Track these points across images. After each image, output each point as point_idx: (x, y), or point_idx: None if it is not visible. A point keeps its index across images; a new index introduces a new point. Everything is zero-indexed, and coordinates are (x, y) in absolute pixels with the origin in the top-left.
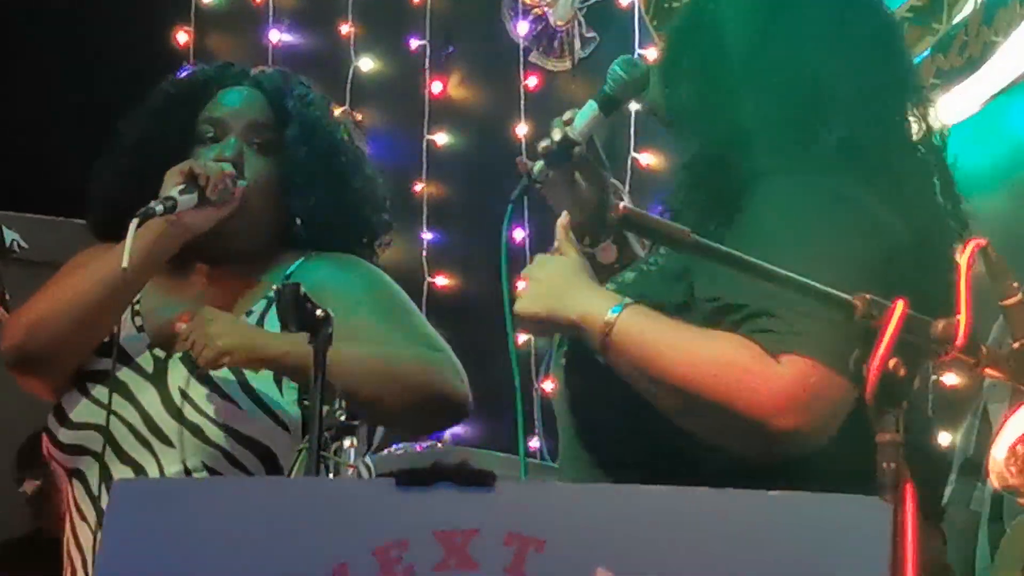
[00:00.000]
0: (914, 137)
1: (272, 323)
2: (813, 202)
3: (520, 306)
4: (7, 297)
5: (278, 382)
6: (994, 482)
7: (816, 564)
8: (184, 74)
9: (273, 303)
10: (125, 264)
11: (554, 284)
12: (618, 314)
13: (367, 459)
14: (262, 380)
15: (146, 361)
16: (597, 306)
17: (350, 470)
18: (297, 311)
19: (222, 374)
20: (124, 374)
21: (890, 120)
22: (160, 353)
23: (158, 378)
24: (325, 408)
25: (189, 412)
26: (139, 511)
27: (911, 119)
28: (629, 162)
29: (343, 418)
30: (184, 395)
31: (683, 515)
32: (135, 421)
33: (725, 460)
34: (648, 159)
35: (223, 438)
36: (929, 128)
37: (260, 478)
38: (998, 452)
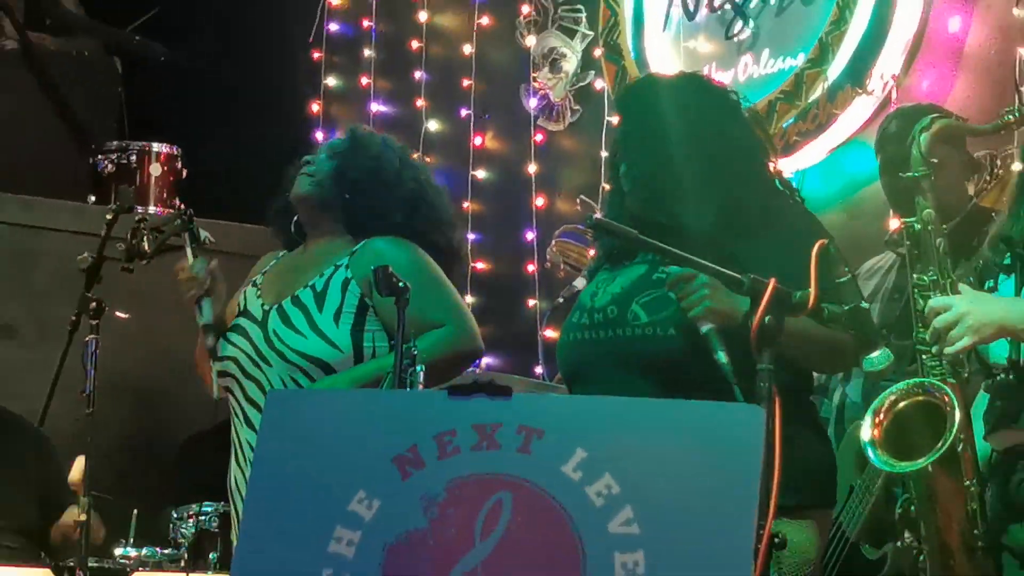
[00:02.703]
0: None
1: (335, 289)
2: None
3: None
4: (208, 242)
5: (336, 319)
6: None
7: (702, 460)
8: None
9: (329, 277)
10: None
11: None
12: None
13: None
14: (324, 319)
15: (256, 311)
16: None
17: (420, 387)
18: (388, 283)
19: (297, 320)
20: (243, 321)
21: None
22: (267, 306)
23: (263, 322)
24: (404, 346)
25: (277, 344)
26: (288, 412)
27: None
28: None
29: (416, 352)
30: (275, 334)
31: (621, 417)
32: (250, 351)
33: None
34: None
35: (298, 359)
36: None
37: (365, 390)
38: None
